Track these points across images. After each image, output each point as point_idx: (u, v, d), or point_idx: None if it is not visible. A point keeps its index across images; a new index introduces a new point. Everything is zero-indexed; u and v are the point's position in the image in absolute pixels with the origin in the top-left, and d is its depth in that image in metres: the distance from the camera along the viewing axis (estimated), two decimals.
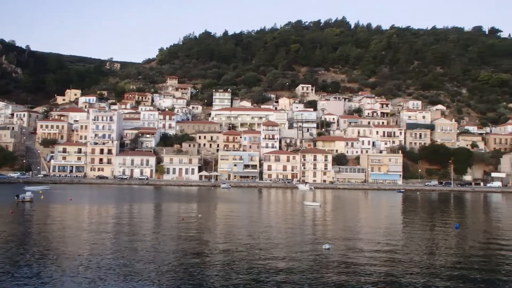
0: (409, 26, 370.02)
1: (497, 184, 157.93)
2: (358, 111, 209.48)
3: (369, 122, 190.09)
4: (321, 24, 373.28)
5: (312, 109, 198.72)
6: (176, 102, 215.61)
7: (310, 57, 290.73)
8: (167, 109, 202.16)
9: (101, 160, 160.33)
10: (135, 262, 31.97)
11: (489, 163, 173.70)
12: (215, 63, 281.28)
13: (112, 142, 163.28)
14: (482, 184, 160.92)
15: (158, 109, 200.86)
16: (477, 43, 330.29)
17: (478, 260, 35.06)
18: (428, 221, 63.51)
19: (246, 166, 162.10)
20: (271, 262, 32.83)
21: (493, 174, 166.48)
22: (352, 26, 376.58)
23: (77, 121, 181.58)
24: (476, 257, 36.47)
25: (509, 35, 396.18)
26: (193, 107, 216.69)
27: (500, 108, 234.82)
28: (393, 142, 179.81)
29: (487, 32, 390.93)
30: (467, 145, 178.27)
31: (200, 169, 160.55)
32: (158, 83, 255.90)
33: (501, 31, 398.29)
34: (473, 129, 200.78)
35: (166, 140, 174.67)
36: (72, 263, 31.33)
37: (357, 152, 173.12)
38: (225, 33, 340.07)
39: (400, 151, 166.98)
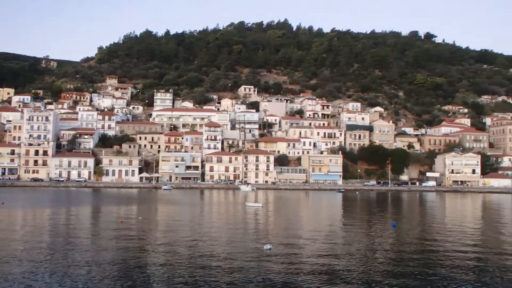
0: (349, 30, 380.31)
1: (432, 183, 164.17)
2: (300, 113, 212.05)
3: (310, 124, 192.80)
4: (264, 26, 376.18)
5: (254, 110, 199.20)
6: (116, 102, 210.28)
7: (252, 59, 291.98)
8: (106, 109, 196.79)
9: (36, 161, 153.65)
10: (69, 267, 30.27)
11: (424, 163, 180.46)
12: (157, 63, 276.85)
13: (48, 143, 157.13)
14: (417, 183, 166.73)
15: (97, 109, 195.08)
16: (413, 47, 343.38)
17: (413, 257, 35.77)
18: (367, 220, 64.66)
19: (188, 167, 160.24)
20: (212, 264, 32.09)
21: (428, 174, 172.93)
22: (294, 28, 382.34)
23: (10, 121, 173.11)
24: (411, 253, 37.21)
25: (443, 40, 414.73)
26: (133, 108, 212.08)
27: (434, 111, 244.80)
28: (334, 143, 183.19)
29: (423, 37, 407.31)
30: (403, 146, 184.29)
31: (140, 171, 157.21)
32: (97, 83, 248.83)
33: (436, 37, 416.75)
34: (409, 130, 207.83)
35: (105, 141, 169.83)
36: (2, 270, 29.24)
37: (298, 153, 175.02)
38: (167, 32, 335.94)
39: (340, 152, 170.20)
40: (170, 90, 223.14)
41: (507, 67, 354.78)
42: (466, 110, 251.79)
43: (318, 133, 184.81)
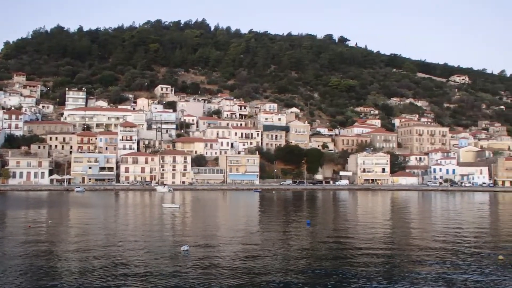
0: (267, 31, 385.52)
1: (345, 182, 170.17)
2: (217, 113, 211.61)
3: (228, 124, 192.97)
4: (181, 25, 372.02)
5: (171, 110, 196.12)
6: (24, 101, 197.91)
7: (169, 58, 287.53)
8: (13, 108, 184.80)
9: None
10: None
11: (338, 162, 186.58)
12: (69, 60, 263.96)
13: None
14: (331, 182, 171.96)
15: (3, 108, 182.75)
16: (328, 50, 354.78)
17: (326, 254, 36.42)
18: (283, 219, 65.39)
19: (102, 168, 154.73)
20: (127, 267, 30.74)
21: (341, 173, 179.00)
22: (212, 28, 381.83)
23: None
24: (324, 250, 37.86)
25: (356, 44, 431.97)
26: (43, 106, 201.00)
27: (347, 112, 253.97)
28: (251, 143, 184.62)
29: (337, 41, 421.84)
30: (318, 146, 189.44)
31: (51, 173, 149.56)
32: (2, 80, 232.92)
33: (349, 40, 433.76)
34: (324, 131, 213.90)
35: (12, 142, 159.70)
36: None
37: (216, 153, 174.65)
38: (80, 29, 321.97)
39: (257, 152, 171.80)
40: (83, 88, 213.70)
41: (414, 71, 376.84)
42: (376, 112, 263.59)
43: (235, 133, 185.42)
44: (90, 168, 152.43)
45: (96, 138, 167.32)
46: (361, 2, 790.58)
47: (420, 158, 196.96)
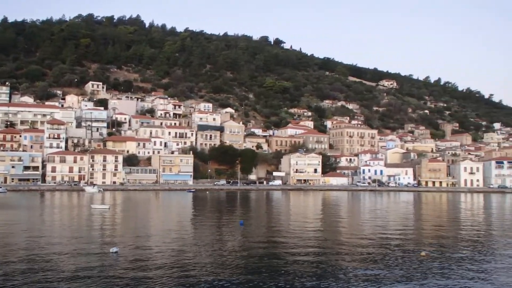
0: (203, 31, 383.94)
1: (278, 182, 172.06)
2: (151, 112, 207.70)
3: (161, 123, 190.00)
4: (115, 21, 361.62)
5: (102, 108, 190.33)
6: None
7: (101, 54, 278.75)
8: None
9: None
10: None
11: (271, 163, 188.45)
12: None
13: None
14: (265, 182, 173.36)
15: None
16: (263, 52, 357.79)
17: (259, 253, 36.37)
18: (216, 219, 65.02)
19: (27, 167, 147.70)
20: (52, 272, 29.19)
21: (275, 173, 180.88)
22: (147, 25, 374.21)
23: None
24: (257, 250, 37.83)
25: (291, 46, 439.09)
26: None
27: (282, 113, 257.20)
28: (185, 143, 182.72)
29: (272, 43, 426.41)
30: (252, 146, 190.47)
31: None
32: None
33: (284, 43, 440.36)
34: (258, 131, 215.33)
35: None
36: None
37: (149, 152, 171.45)
38: (4, 19, 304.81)
39: (191, 152, 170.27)
40: (7, 83, 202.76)
41: (346, 75, 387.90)
42: (310, 113, 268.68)
43: (169, 132, 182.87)
44: (13, 167, 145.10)
45: (20, 136, 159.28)
46: (296, 6, 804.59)
47: (350, 159, 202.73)
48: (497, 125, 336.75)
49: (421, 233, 51.98)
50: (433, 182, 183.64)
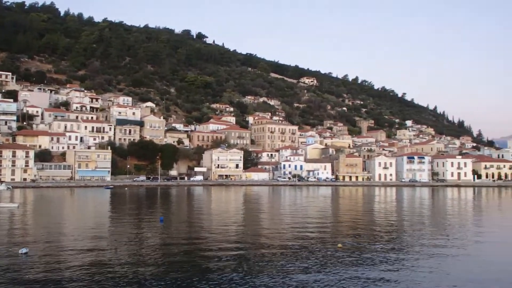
0: (122, 22, 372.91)
1: (199, 178, 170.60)
2: (66, 105, 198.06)
3: (77, 117, 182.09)
4: (26, 7, 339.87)
5: (11, 100, 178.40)
6: None
7: (11, 42, 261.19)
8: None
9: None
10: None
11: (193, 158, 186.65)
12: None
13: None
14: (186, 178, 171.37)
15: None
16: (185, 45, 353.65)
17: (179, 250, 35.48)
18: (136, 216, 63.08)
19: None
20: None
21: (196, 169, 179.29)
22: (62, 13, 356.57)
23: None
24: (177, 247, 36.83)
25: (214, 41, 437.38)
26: None
27: (203, 108, 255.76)
28: (103, 137, 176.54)
29: (194, 37, 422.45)
30: (174, 142, 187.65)
31: None
32: None
33: (207, 37, 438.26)
34: (179, 126, 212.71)
35: None
36: None
37: (63, 147, 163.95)
38: None
39: (109, 147, 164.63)
40: None
41: (268, 71, 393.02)
42: (232, 109, 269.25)
43: (85, 127, 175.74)
44: None
45: None
46: (219, 0, 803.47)
47: (271, 154, 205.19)
48: (409, 123, 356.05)
49: (338, 226, 53.35)
50: (350, 177, 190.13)
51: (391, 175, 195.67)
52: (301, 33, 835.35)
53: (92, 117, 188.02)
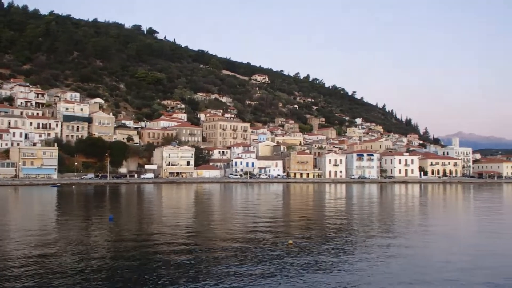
0: (70, 15, 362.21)
1: (150, 175, 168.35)
2: (9, 100, 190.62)
3: (21, 113, 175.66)
4: None
5: None
6: None
7: None
8: None
9: None
10: None
11: (143, 155, 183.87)
12: None
13: None
14: (136, 176, 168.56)
15: None
16: (136, 41, 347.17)
17: (129, 249, 34.83)
18: (83, 215, 61.60)
19: None
20: None
21: (147, 166, 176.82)
22: (6, 5, 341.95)
23: None
24: (128, 246, 36.19)
25: (165, 37, 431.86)
26: None
27: (154, 105, 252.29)
28: (49, 134, 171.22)
29: (145, 32, 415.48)
30: (123, 139, 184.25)
31: None
32: None
33: (158, 33, 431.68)
34: (129, 123, 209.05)
35: None
36: None
37: (7, 144, 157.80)
38: None
39: (55, 144, 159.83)
40: None
41: (220, 68, 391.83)
42: (183, 106, 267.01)
43: (31, 123, 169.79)
44: None
45: None
46: None
47: (223, 151, 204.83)
48: (358, 120, 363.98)
49: (289, 223, 53.87)
50: (301, 174, 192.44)
51: (341, 172, 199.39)
52: (253, 31, 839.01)
53: (37, 113, 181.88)
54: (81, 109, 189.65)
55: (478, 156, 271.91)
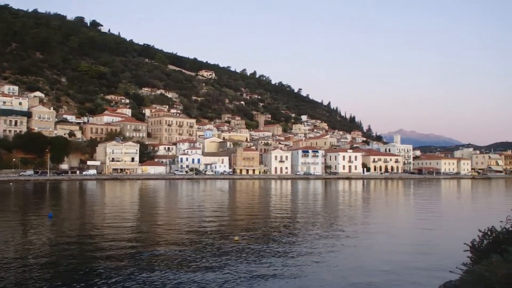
0: (8, 5, 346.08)
1: (93, 172, 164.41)
2: None
3: None
4: None
5: None
6: None
7: None
8: None
9: None
10: None
11: (85, 151, 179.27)
12: None
13: None
14: (78, 172, 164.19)
15: None
16: (78, 33, 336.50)
17: (69, 247, 33.81)
18: (21, 213, 59.21)
19: None
20: None
21: (89, 162, 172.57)
22: None
23: None
24: (67, 244, 35.13)
25: (109, 30, 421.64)
26: None
27: (97, 99, 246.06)
28: None
29: (89, 24, 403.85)
30: (65, 134, 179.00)
31: None
32: None
33: (102, 25, 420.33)
34: (71, 118, 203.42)
35: None
36: None
37: None
38: None
39: None
40: None
41: (166, 63, 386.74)
42: (128, 101, 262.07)
43: None
44: None
45: None
46: None
47: (168, 148, 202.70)
48: (304, 117, 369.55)
49: (234, 219, 53.95)
50: (247, 170, 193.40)
51: (286, 168, 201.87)
52: (199, 26, 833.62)
53: None
54: (20, 103, 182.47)
55: (418, 153, 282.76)
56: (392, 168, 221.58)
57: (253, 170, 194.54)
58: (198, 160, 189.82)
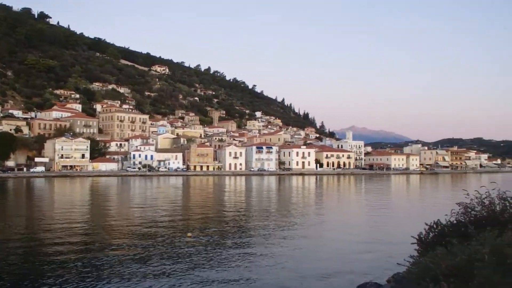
0: None
1: (41, 169, 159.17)
2: None
3: None
4: None
5: None
6: None
7: None
8: None
9: None
10: None
11: (33, 148, 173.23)
12: None
13: None
14: (25, 169, 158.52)
15: None
16: (25, 25, 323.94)
17: (16, 250, 32.27)
18: None
19: None
20: None
21: (37, 159, 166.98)
22: None
23: None
24: (13, 246, 33.55)
25: (58, 22, 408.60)
26: None
27: (46, 94, 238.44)
28: None
29: (36, 16, 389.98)
30: (10, 130, 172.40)
31: None
32: None
33: (51, 17, 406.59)
34: (17, 113, 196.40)
35: None
36: None
37: None
38: None
39: None
40: None
41: (118, 57, 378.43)
42: (78, 96, 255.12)
43: None
44: None
45: None
46: None
47: (120, 144, 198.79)
48: (258, 114, 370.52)
49: (188, 216, 53.23)
50: (201, 166, 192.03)
51: (241, 164, 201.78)
52: (152, 21, 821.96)
53: None
54: None
55: (369, 149, 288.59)
56: (344, 164, 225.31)
57: (207, 167, 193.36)
58: (151, 156, 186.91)
